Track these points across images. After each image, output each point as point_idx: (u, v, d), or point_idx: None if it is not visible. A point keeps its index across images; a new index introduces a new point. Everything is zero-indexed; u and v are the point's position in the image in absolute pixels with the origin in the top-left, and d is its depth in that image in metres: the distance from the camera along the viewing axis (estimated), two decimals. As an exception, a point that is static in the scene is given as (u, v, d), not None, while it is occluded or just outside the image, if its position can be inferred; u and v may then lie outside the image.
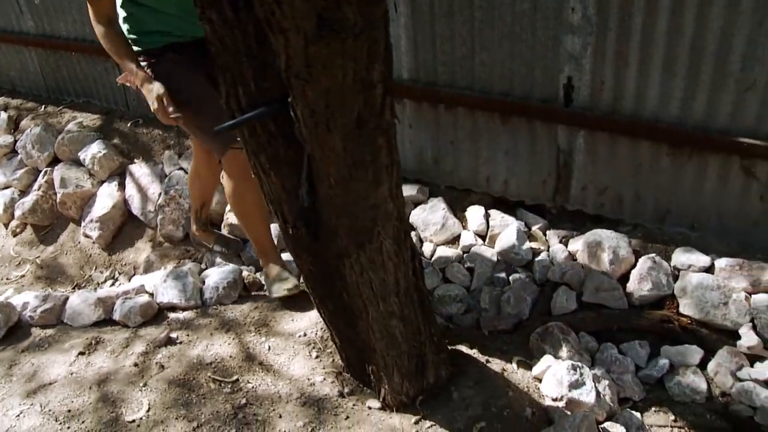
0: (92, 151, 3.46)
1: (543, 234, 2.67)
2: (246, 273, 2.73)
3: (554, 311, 2.39)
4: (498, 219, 2.70)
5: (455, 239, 2.75)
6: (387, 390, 1.92)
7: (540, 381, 2.09)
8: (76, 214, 3.50)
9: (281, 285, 2.43)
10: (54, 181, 3.53)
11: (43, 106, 3.98)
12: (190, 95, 2.21)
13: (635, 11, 2.17)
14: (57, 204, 3.51)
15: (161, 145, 3.47)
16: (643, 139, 2.37)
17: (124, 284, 2.87)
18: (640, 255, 2.41)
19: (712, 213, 2.39)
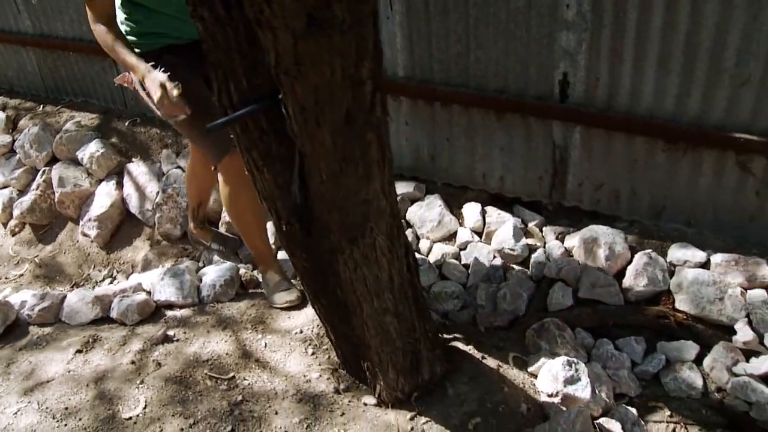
0: (90, 151, 3.47)
1: (539, 230, 2.67)
2: (243, 271, 2.74)
3: (550, 307, 2.39)
4: (494, 216, 2.70)
5: (452, 236, 2.75)
6: (382, 386, 1.92)
7: (535, 377, 2.09)
8: (75, 213, 3.50)
9: (283, 296, 2.43)
10: (52, 181, 3.53)
11: (42, 106, 3.99)
12: (188, 99, 2.18)
13: (630, 7, 2.17)
14: (55, 203, 3.52)
15: (159, 144, 3.48)
16: (639, 135, 2.37)
17: (122, 282, 2.87)
18: (636, 251, 2.41)
19: (708, 208, 2.39)
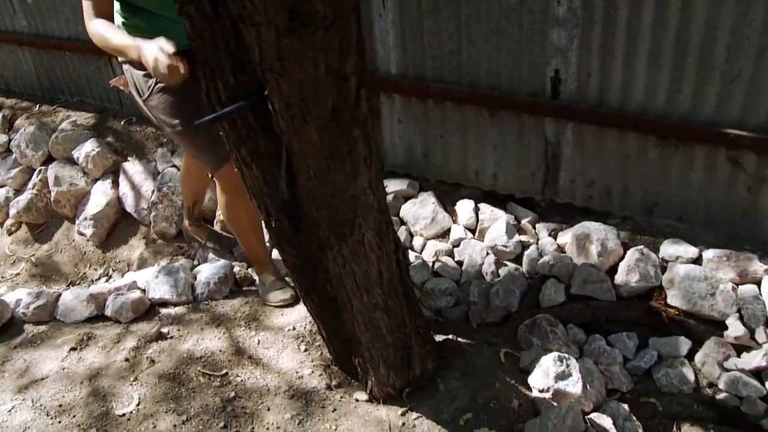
0: (86, 150, 3.48)
1: (532, 227, 2.67)
2: (237, 269, 2.74)
3: (543, 303, 2.40)
4: (487, 213, 2.70)
5: (445, 233, 2.76)
6: (374, 382, 1.93)
7: (527, 373, 2.09)
8: (71, 212, 3.51)
9: (278, 294, 2.45)
10: (48, 180, 3.54)
11: (38, 106, 3.99)
12: (185, 109, 2.15)
13: (620, 4, 2.17)
14: (51, 202, 3.52)
15: (154, 143, 3.48)
16: (630, 131, 2.37)
17: (117, 280, 2.88)
18: (629, 247, 2.42)
19: (700, 204, 2.40)
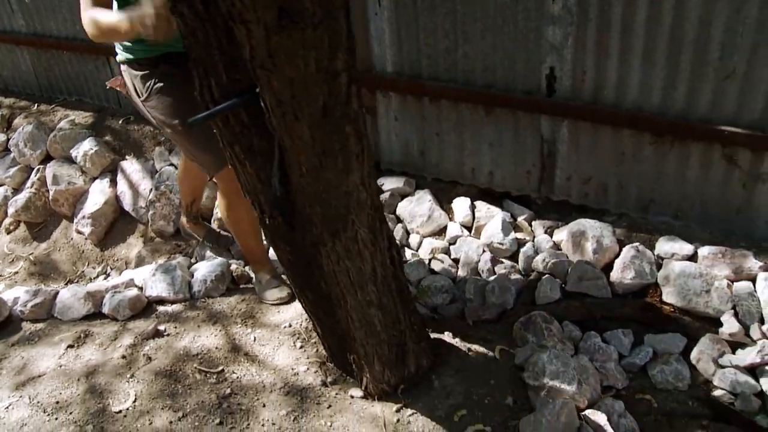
0: (84, 149, 3.49)
1: (528, 224, 2.68)
2: (234, 266, 2.75)
3: (538, 301, 2.40)
4: (483, 210, 2.71)
5: (441, 231, 2.76)
6: (368, 379, 1.94)
7: (522, 369, 2.10)
8: (69, 211, 3.52)
9: (274, 293, 2.46)
10: (46, 179, 3.55)
11: (36, 105, 4.01)
12: (184, 111, 2.10)
13: (614, 1, 2.18)
14: (50, 201, 3.53)
15: (152, 142, 3.49)
16: (626, 129, 2.38)
17: (114, 278, 2.89)
18: (625, 244, 2.42)
19: (696, 201, 2.40)
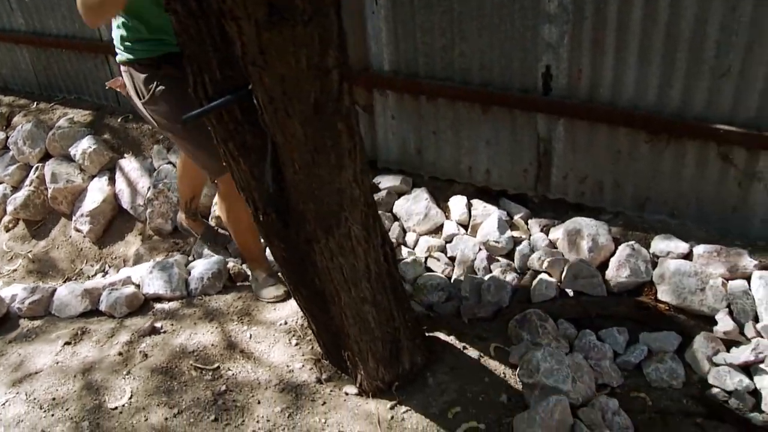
0: (83, 147, 3.50)
1: (525, 223, 2.68)
2: (231, 264, 2.76)
3: (534, 299, 2.41)
4: (480, 208, 2.71)
5: (438, 229, 2.77)
6: (363, 376, 1.94)
7: (517, 367, 2.11)
8: (67, 209, 3.53)
9: (271, 291, 2.48)
10: (45, 177, 3.56)
11: (35, 103, 4.02)
12: (187, 111, 2.15)
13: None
14: (48, 199, 3.55)
15: (150, 140, 3.50)
16: (622, 127, 2.38)
17: (112, 276, 2.90)
18: (620, 242, 2.42)
19: (691, 200, 2.40)
